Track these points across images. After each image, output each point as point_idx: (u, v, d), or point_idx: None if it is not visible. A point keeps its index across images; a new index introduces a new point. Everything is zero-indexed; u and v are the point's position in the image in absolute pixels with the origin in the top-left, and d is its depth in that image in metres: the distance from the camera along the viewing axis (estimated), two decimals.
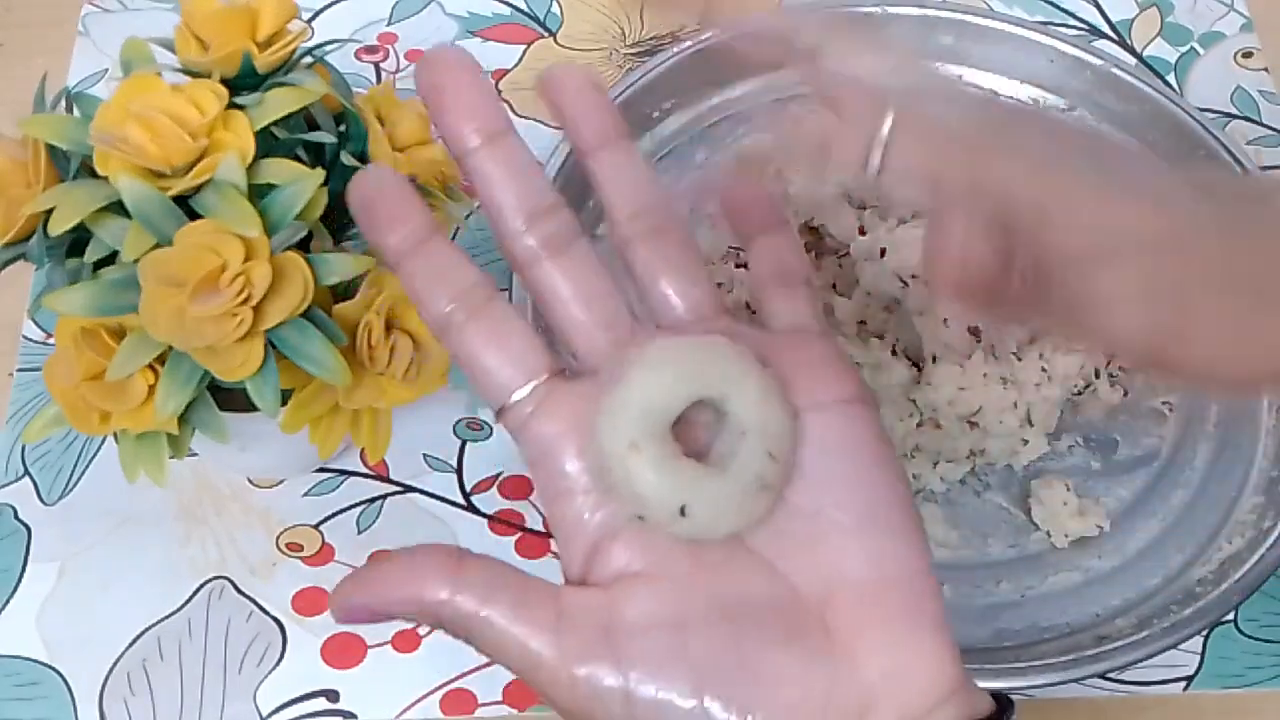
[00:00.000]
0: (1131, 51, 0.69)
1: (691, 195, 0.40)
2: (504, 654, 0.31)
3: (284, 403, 0.43)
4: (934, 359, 0.52)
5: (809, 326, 0.35)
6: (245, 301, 0.40)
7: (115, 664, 0.49)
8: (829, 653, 0.31)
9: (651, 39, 0.68)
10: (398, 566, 0.32)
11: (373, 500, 0.53)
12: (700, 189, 0.43)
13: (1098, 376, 0.54)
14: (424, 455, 0.54)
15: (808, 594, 0.31)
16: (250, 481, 0.53)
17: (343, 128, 0.47)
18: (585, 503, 0.32)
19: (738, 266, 0.56)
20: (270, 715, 0.48)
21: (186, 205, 0.42)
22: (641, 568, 0.31)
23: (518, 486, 0.54)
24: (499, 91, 0.65)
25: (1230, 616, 0.51)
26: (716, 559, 0.31)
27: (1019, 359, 0.53)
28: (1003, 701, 0.32)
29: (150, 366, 0.42)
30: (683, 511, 0.30)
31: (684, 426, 0.31)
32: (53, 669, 0.49)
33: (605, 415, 0.31)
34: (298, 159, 0.45)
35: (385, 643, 0.50)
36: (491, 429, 0.55)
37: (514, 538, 0.52)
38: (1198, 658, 0.51)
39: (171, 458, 0.44)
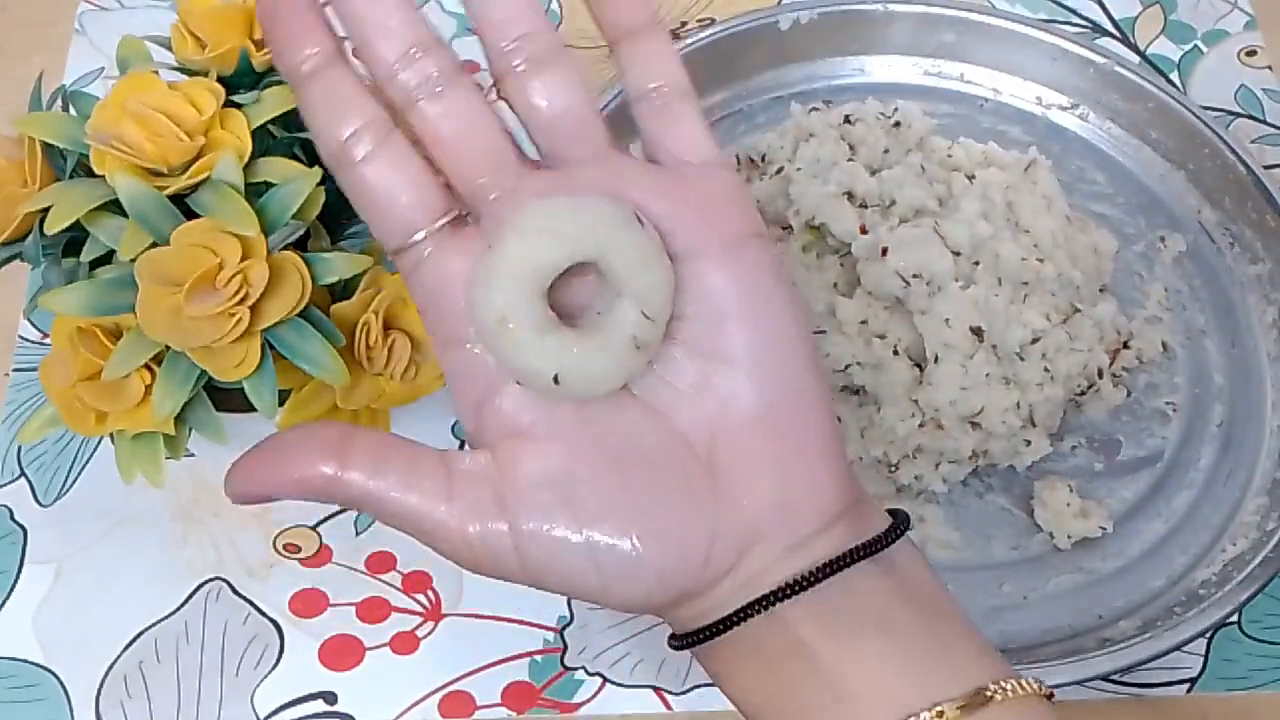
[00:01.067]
0: (1135, 49, 0.68)
1: None
2: (402, 522, 0.32)
3: (281, 403, 0.43)
4: (936, 359, 0.52)
5: (700, 152, 0.34)
6: (242, 301, 0.40)
7: (112, 666, 0.49)
8: (714, 491, 0.31)
9: None
10: (284, 448, 0.32)
11: None
12: None
13: (1101, 377, 0.54)
14: None
15: (695, 438, 0.32)
16: None
17: None
18: (475, 352, 0.32)
19: None
20: (268, 717, 0.48)
21: (183, 204, 0.42)
22: (528, 422, 0.32)
23: None
24: (498, 90, 0.65)
25: (1234, 618, 0.51)
26: (602, 412, 0.32)
27: (1021, 359, 0.53)
28: (898, 515, 0.33)
29: (147, 366, 0.42)
30: (556, 380, 0.31)
31: (565, 285, 0.31)
32: (49, 671, 0.49)
33: (479, 284, 0.31)
34: (295, 158, 0.45)
35: (384, 645, 0.49)
36: None
37: None
38: (1201, 660, 0.50)
39: (168, 458, 0.44)
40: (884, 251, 0.53)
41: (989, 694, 0.30)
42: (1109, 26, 0.69)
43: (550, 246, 0.31)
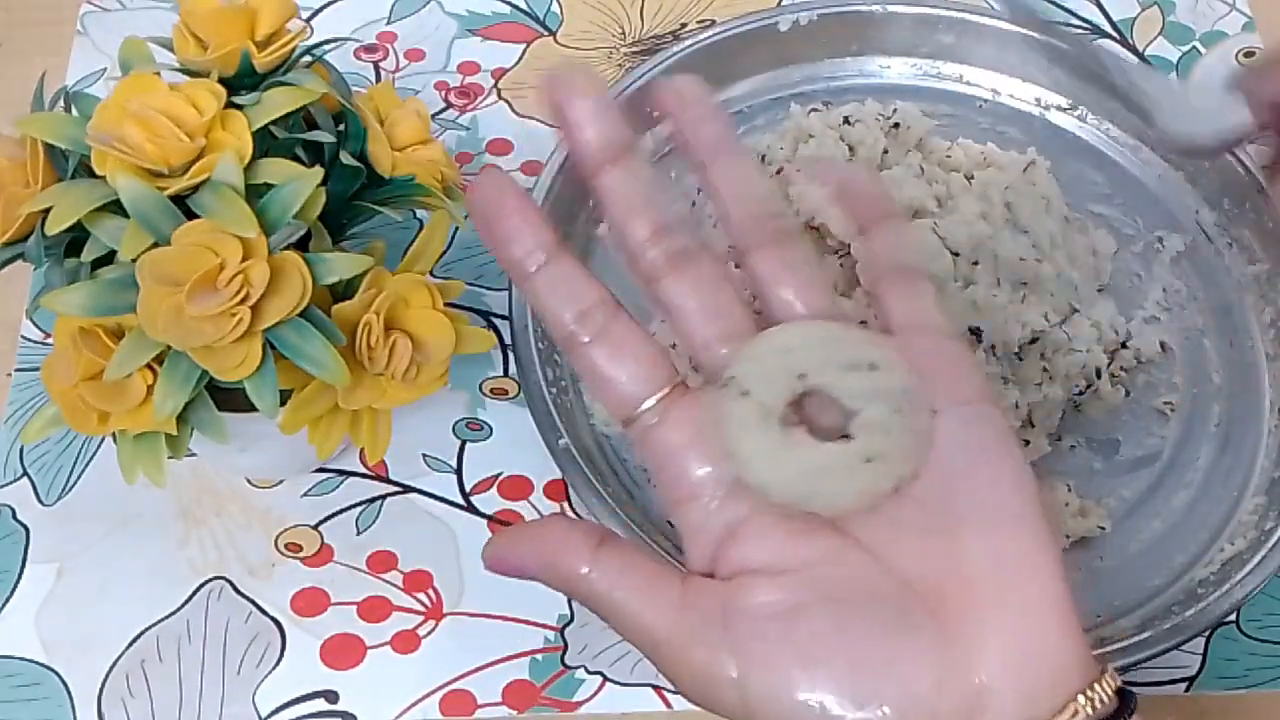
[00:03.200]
0: (1133, 51, 0.68)
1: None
2: (628, 632, 0.33)
3: (283, 403, 0.43)
4: None
5: (933, 324, 0.35)
6: (243, 301, 0.40)
7: (114, 665, 0.49)
8: (940, 641, 0.31)
9: (651, 38, 0.68)
10: (545, 536, 0.34)
11: (372, 500, 0.53)
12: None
13: (1099, 376, 0.54)
14: (423, 455, 0.54)
15: (921, 584, 0.32)
16: (249, 482, 0.53)
17: (342, 127, 0.47)
18: (708, 507, 0.33)
19: (737, 267, 0.56)
20: (269, 716, 0.48)
21: (184, 205, 0.42)
22: (761, 564, 0.32)
23: (517, 487, 0.53)
24: (498, 91, 0.65)
25: (1232, 617, 0.51)
26: (830, 551, 0.32)
27: (1020, 358, 0.53)
28: (1127, 698, 0.32)
29: (149, 366, 0.42)
30: (798, 487, 0.32)
31: (811, 407, 0.33)
32: (51, 670, 0.49)
33: (725, 402, 0.32)
34: (296, 158, 0.45)
35: (385, 644, 0.50)
36: (491, 429, 0.55)
37: None
38: (1200, 659, 0.50)
39: (170, 458, 0.44)
40: None
41: None
42: (1108, 28, 0.69)
43: (781, 366, 0.32)
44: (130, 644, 0.49)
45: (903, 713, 0.30)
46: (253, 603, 0.50)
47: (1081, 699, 0.31)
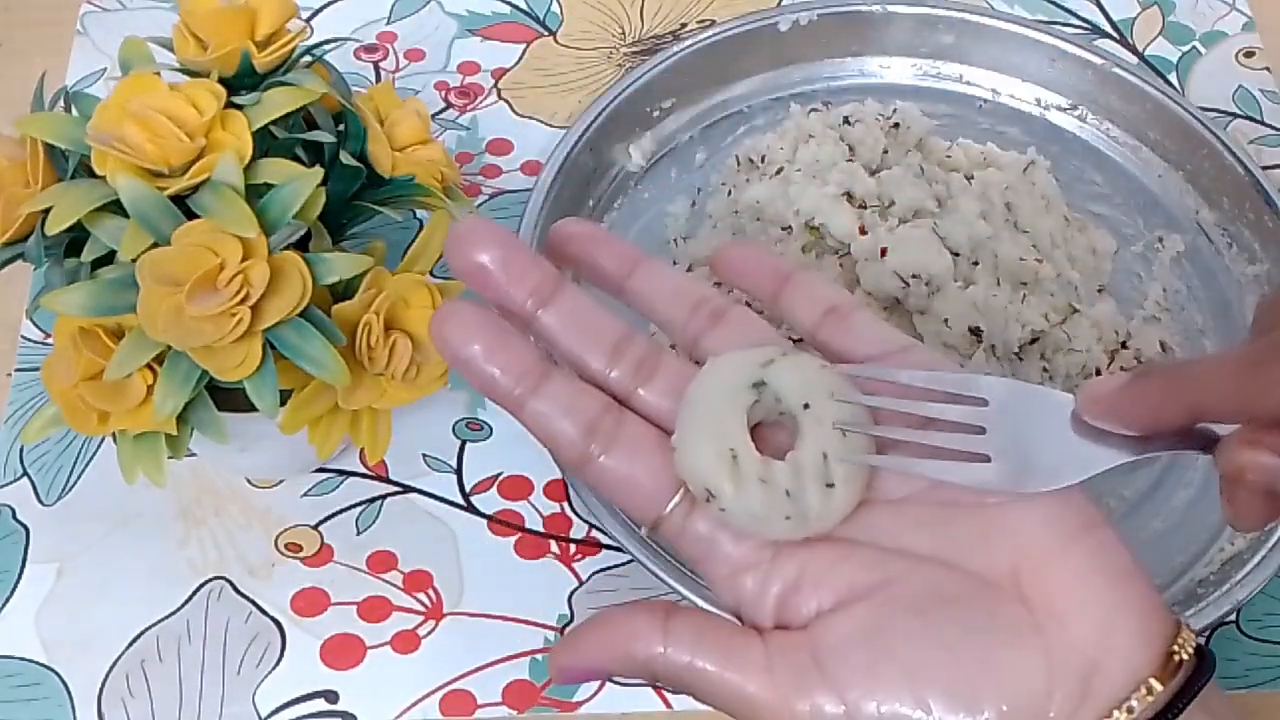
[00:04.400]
0: (1133, 50, 0.68)
1: None
2: (720, 699, 0.32)
3: (283, 403, 0.43)
4: None
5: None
6: (243, 301, 0.40)
7: (114, 665, 0.49)
8: (1035, 625, 0.31)
9: (651, 37, 0.68)
10: (609, 627, 0.33)
11: (372, 500, 0.53)
12: None
13: (1099, 376, 0.54)
14: (423, 455, 0.54)
15: (996, 576, 0.32)
16: (249, 482, 0.53)
17: (341, 127, 0.47)
18: (757, 577, 0.33)
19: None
20: (269, 716, 0.48)
21: (184, 204, 0.42)
22: (834, 603, 0.32)
23: (517, 487, 0.53)
24: (498, 91, 0.65)
25: (1232, 617, 0.51)
26: (897, 573, 0.32)
27: (1020, 359, 0.53)
28: (1204, 655, 0.32)
29: (149, 366, 0.42)
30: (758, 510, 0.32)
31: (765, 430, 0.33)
32: (51, 670, 0.49)
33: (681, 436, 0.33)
34: (296, 158, 0.45)
35: (384, 644, 0.50)
36: (491, 429, 0.55)
37: (513, 538, 0.52)
38: None
39: (170, 458, 0.44)
40: (883, 252, 0.53)
41: None
42: (1107, 27, 0.69)
43: (726, 383, 0.33)
44: (130, 644, 0.49)
45: (1018, 708, 0.30)
46: (253, 603, 0.50)
47: (1175, 647, 0.31)
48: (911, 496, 0.33)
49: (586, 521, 0.52)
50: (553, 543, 0.52)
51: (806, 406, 0.33)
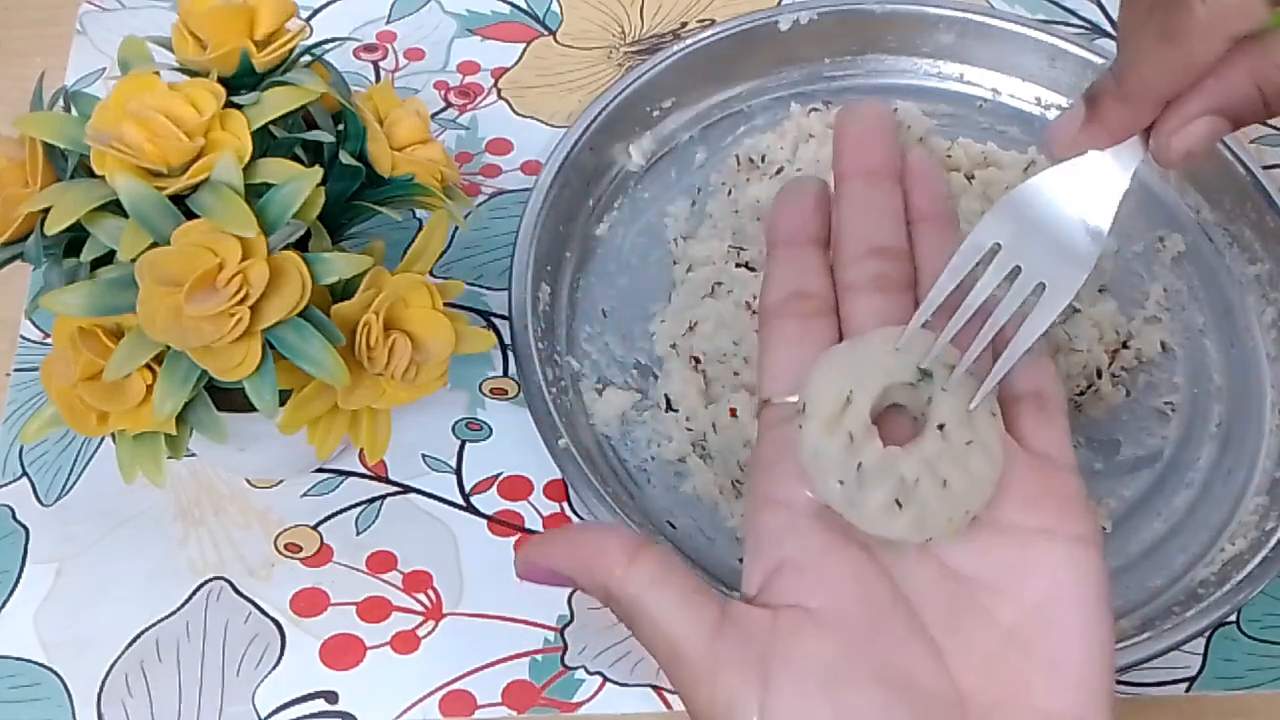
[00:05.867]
0: None
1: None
2: (654, 642, 0.32)
3: (282, 403, 0.43)
4: None
5: (1058, 457, 0.35)
6: (242, 301, 0.40)
7: (113, 665, 0.49)
8: None
9: (651, 37, 0.68)
10: (581, 538, 0.33)
11: (372, 501, 0.53)
12: None
13: (1100, 376, 0.54)
14: (423, 456, 0.54)
15: (974, 700, 0.31)
16: (248, 482, 0.53)
17: (341, 126, 0.47)
18: (792, 520, 0.33)
19: (737, 267, 0.56)
20: (269, 717, 0.48)
21: (184, 204, 0.42)
22: (818, 606, 0.31)
23: (517, 487, 0.53)
24: (498, 91, 0.65)
25: (1233, 618, 0.51)
26: (895, 633, 0.32)
27: None
28: None
29: (148, 366, 0.42)
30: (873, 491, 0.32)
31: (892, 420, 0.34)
32: (50, 670, 0.49)
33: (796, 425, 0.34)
34: (296, 158, 0.45)
35: (384, 644, 0.50)
36: (491, 429, 0.55)
37: (513, 538, 0.52)
38: (1200, 659, 0.50)
39: (169, 458, 0.44)
40: None
41: None
42: (1108, 26, 0.69)
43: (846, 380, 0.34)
44: (130, 644, 0.49)
45: None
46: (252, 603, 0.50)
47: None
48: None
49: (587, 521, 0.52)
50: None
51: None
